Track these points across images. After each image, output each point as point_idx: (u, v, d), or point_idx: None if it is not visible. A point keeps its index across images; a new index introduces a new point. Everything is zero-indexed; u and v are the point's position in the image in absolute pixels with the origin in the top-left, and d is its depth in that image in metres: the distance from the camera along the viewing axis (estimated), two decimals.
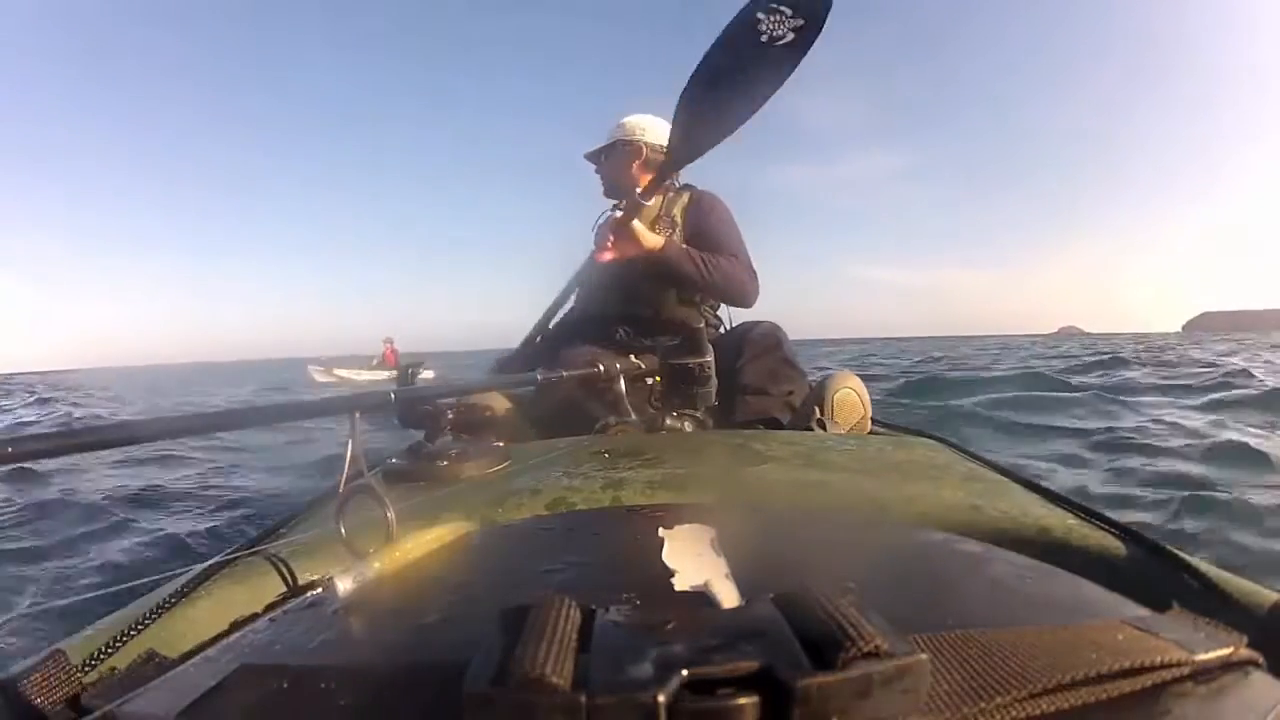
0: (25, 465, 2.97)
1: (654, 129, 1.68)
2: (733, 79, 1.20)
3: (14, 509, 2.71)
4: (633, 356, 1.15)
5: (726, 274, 1.52)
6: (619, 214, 1.66)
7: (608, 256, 1.45)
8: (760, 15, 1.14)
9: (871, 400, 1.37)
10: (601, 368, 1.06)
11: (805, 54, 1.15)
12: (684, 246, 1.52)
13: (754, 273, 1.57)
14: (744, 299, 1.56)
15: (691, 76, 1.25)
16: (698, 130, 1.28)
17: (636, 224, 1.44)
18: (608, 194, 1.75)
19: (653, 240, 1.45)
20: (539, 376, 0.95)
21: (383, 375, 15.54)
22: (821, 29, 1.14)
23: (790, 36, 1.14)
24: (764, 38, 1.14)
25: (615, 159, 1.69)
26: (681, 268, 1.49)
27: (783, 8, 1.14)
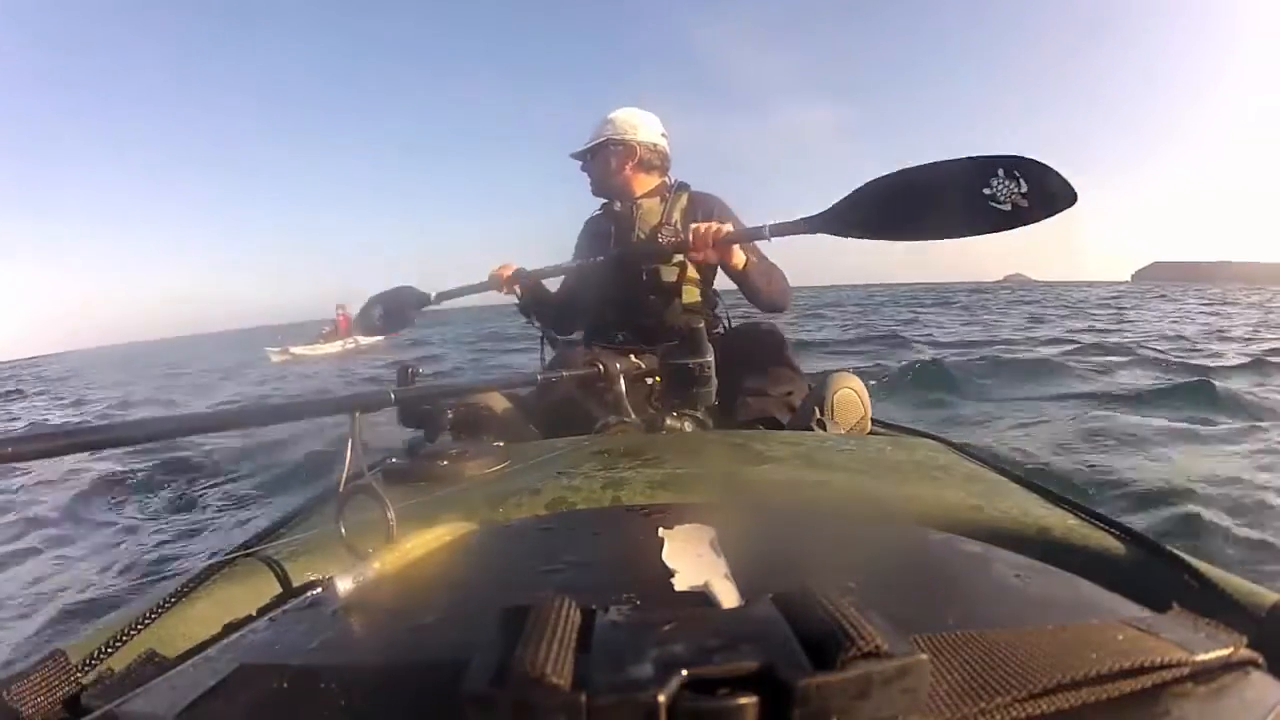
0: (25, 466, 2.97)
1: (645, 126, 1.64)
2: (930, 204, 1.15)
3: (14, 509, 2.71)
4: (633, 356, 1.15)
5: (781, 287, 1.52)
6: (618, 211, 1.65)
7: (699, 258, 1.39)
8: (1000, 171, 1.09)
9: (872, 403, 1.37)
10: (601, 368, 1.06)
11: (1000, 231, 1.11)
12: (756, 258, 1.49)
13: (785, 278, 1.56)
14: (781, 307, 1.56)
15: (897, 175, 1.19)
16: (857, 219, 1.21)
17: (736, 248, 1.40)
18: (596, 193, 1.71)
19: (740, 258, 1.43)
20: (539, 377, 0.95)
21: (336, 347, 14.74)
22: (1039, 221, 1.09)
23: (1007, 208, 1.08)
24: (986, 191, 1.09)
25: (605, 159, 1.64)
26: (757, 283, 1.47)
27: (1021, 181, 1.07)
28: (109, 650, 0.42)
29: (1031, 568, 0.40)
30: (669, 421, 1.07)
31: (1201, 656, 0.26)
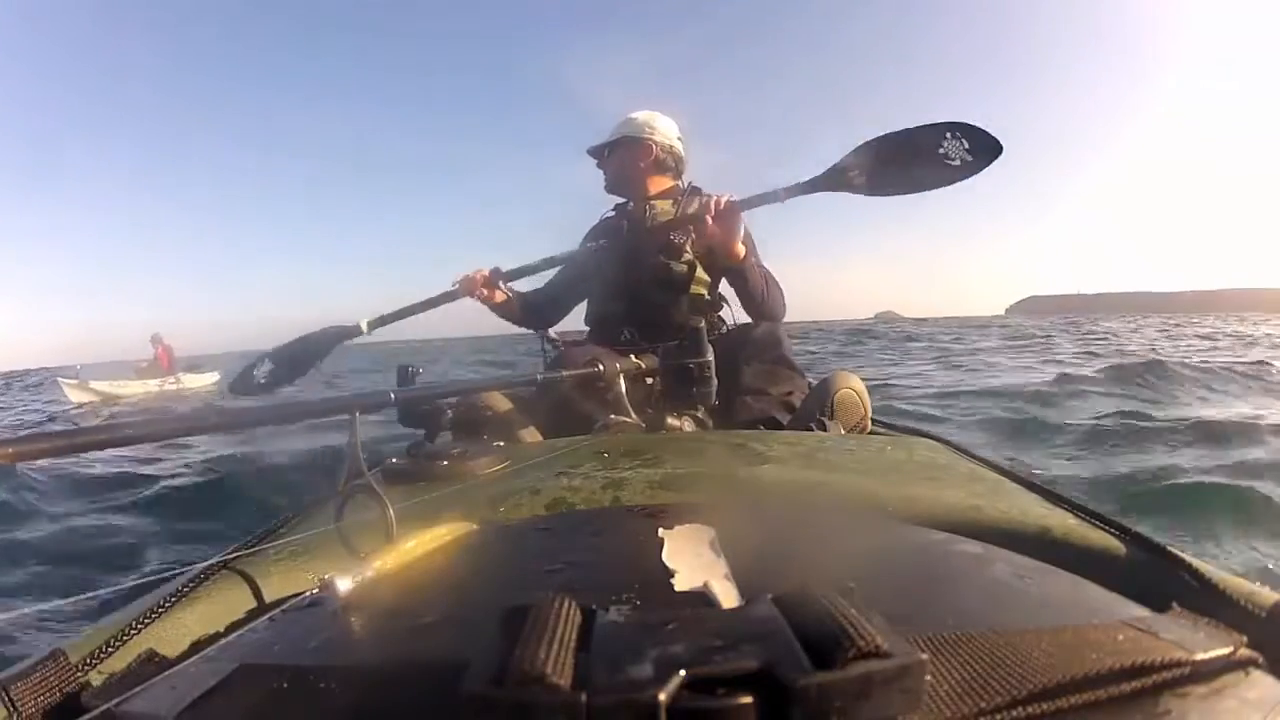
0: (25, 465, 2.97)
1: (663, 127, 1.66)
2: (901, 163, 1.43)
3: (14, 509, 2.71)
4: (633, 356, 1.15)
5: (776, 296, 1.56)
6: (631, 210, 1.65)
7: (718, 230, 1.45)
8: (948, 135, 1.40)
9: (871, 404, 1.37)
10: (601, 368, 1.06)
11: (957, 182, 1.41)
12: (754, 262, 1.54)
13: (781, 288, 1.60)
14: (778, 316, 1.58)
15: (877, 139, 1.45)
16: (854, 175, 1.45)
17: (738, 239, 1.47)
18: (610, 190, 1.73)
19: (740, 250, 1.49)
20: (539, 377, 0.95)
21: (153, 386, 12.28)
22: (978, 173, 1.39)
23: (957, 163, 1.39)
24: (940, 150, 1.39)
25: (622, 155, 1.67)
26: (754, 283, 1.52)
27: (964, 141, 1.39)
28: (109, 650, 0.42)
29: (1031, 568, 0.40)
30: (669, 421, 1.07)
31: (1201, 656, 0.26)
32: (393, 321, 1.60)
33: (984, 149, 1.39)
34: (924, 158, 1.40)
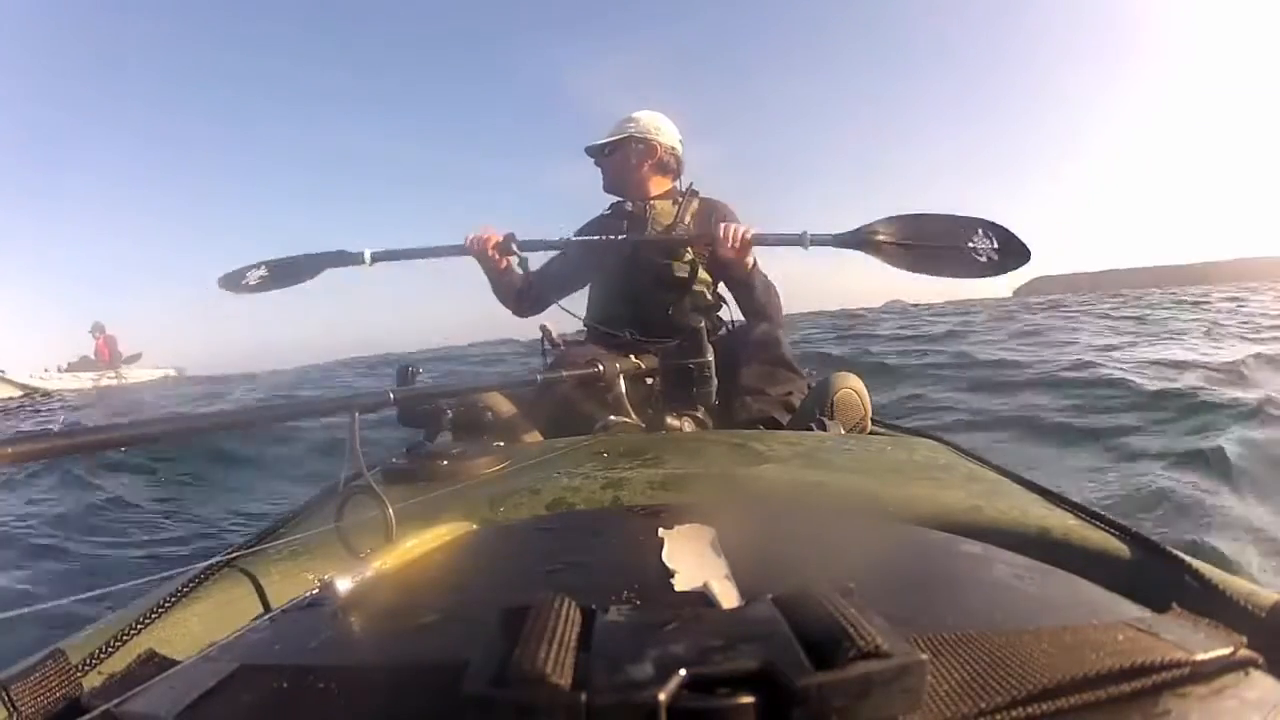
0: (25, 465, 2.97)
1: (667, 129, 1.66)
2: (930, 245, 1.47)
3: (14, 509, 2.71)
4: (633, 356, 1.15)
5: (777, 304, 1.57)
6: (630, 210, 1.64)
7: (732, 254, 1.46)
8: (979, 230, 1.43)
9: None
10: (601, 368, 1.06)
11: (978, 278, 1.44)
12: (761, 272, 1.55)
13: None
14: (777, 321, 1.59)
15: (912, 215, 1.50)
16: (881, 244, 1.48)
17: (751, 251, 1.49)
18: (609, 189, 1.72)
19: (749, 262, 1.50)
20: (539, 377, 0.95)
21: (85, 380, 10.87)
22: (1001, 274, 1.42)
23: (984, 260, 1.42)
24: (970, 245, 1.43)
25: (624, 155, 1.66)
26: (759, 294, 1.53)
27: (993, 240, 1.42)
28: (109, 650, 0.42)
29: (1031, 568, 0.40)
30: (669, 421, 1.07)
31: (1201, 656, 0.26)
32: (396, 259, 1.63)
33: (1012, 253, 1.41)
34: (953, 246, 1.44)
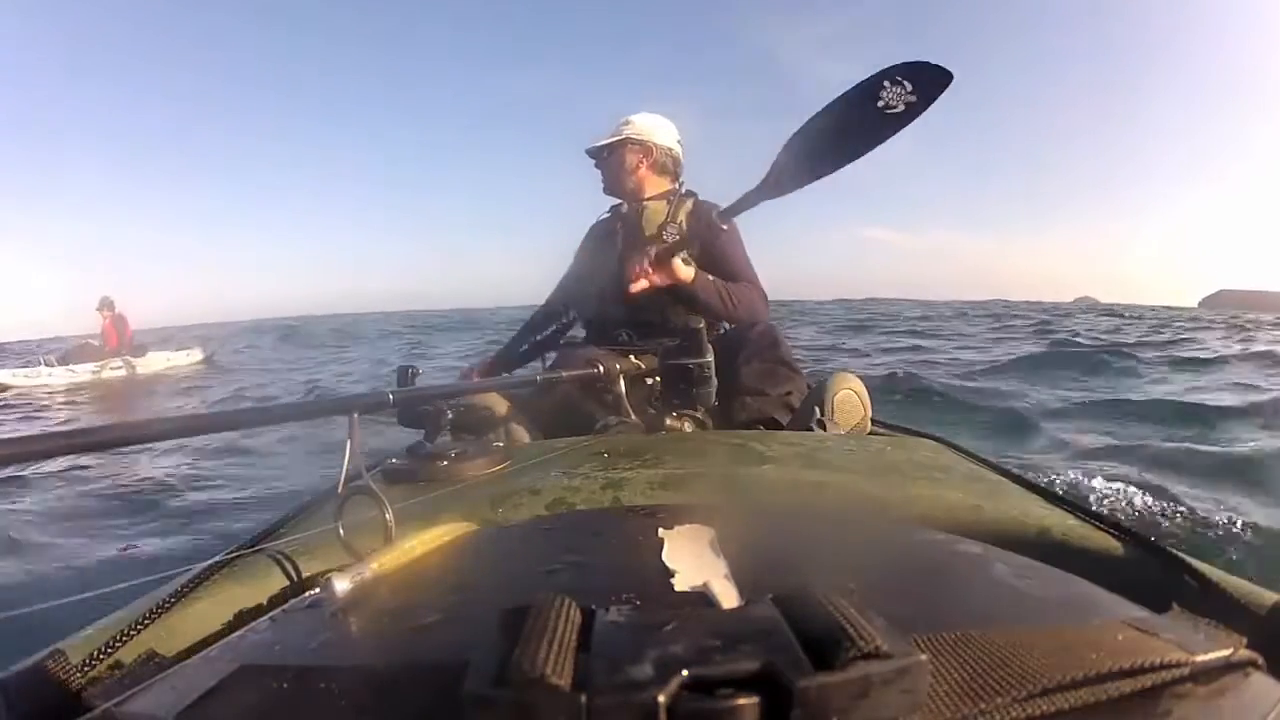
0: (25, 465, 2.97)
1: (663, 130, 1.67)
2: (840, 134, 1.29)
3: (14, 509, 2.71)
4: (632, 357, 1.15)
5: (748, 305, 1.54)
6: (625, 212, 1.65)
7: (639, 288, 1.43)
8: (885, 84, 1.23)
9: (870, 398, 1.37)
10: (601, 368, 1.06)
11: (905, 126, 1.25)
12: (710, 278, 1.52)
13: (766, 296, 1.59)
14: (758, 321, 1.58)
15: (805, 125, 1.32)
16: (790, 173, 1.34)
17: (677, 261, 1.44)
18: (608, 191, 1.74)
19: (686, 273, 1.46)
20: (539, 377, 0.95)
21: (84, 373, 8.80)
22: (925, 111, 1.23)
23: (901, 108, 1.22)
24: (880, 104, 1.23)
25: (620, 157, 1.67)
26: (709, 301, 1.51)
27: (905, 82, 1.22)
28: (109, 650, 0.42)
29: (1031, 568, 0.40)
30: (669, 422, 1.07)
31: (1201, 656, 0.26)
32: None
33: (929, 82, 1.22)
34: (862, 118, 1.27)
